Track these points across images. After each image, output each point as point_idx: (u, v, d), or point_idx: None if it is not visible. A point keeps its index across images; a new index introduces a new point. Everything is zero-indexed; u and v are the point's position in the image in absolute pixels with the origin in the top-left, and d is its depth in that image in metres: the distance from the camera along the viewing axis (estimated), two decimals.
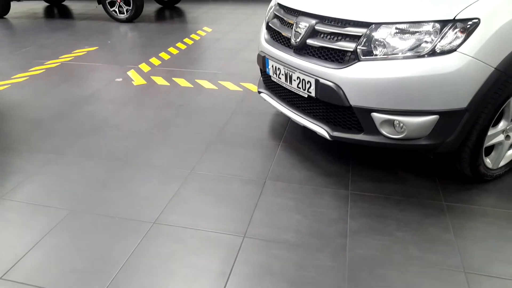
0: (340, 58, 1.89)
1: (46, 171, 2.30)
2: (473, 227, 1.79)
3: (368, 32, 1.79)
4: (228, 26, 5.65)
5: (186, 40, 4.98)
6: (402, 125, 1.80)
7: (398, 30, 1.75)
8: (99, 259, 1.67)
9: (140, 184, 2.16)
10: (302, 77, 2.03)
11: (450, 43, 1.67)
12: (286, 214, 1.91)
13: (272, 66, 2.26)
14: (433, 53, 1.69)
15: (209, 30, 5.45)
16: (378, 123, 1.85)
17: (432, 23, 1.70)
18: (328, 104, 1.99)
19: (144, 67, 4.01)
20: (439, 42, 1.68)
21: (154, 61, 4.20)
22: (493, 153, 2.03)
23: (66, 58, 4.38)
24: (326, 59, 1.95)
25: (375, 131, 1.88)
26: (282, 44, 2.24)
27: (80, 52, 4.59)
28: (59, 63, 4.20)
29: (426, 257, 1.64)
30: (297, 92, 2.12)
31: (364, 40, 1.80)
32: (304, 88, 2.05)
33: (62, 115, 3.00)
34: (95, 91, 3.44)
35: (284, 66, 2.14)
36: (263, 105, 3.03)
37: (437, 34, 1.68)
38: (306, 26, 2.01)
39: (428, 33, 1.70)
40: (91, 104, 3.19)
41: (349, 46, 1.85)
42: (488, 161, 2.01)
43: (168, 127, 2.78)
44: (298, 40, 2.04)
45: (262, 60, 2.35)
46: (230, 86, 3.48)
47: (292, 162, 2.32)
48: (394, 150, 2.37)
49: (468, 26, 1.66)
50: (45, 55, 4.47)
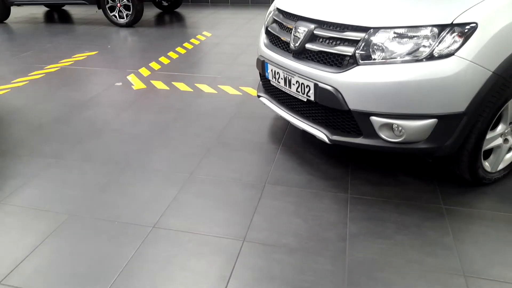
0: (338, 62, 1.90)
1: (46, 175, 2.30)
2: (472, 231, 1.80)
3: (366, 36, 1.81)
4: (227, 30, 5.67)
5: (186, 44, 5.00)
6: (400, 128, 1.81)
7: (396, 35, 1.76)
8: (99, 264, 1.67)
9: (139, 188, 2.17)
10: (301, 81, 2.04)
11: (448, 47, 1.68)
12: (286, 218, 1.91)
13: (271, 70, 2.27)
14: (431, 57, 1.70)
15: (208, 34, 5.48)
16: (377, 127, 1.85)
17: (430, 28, 1.71)
18: (327, 108, 2.00)
19: (144, 72, 4.02)
20: (437, 46, 1.69)
21: (154, 65, 4.22)
22: (491, 156, 2.04)
23: (66, 62, 4.39)
24: (325, 63, 1.96)
25: (374, 135, 1.89)
26: (281, 48, 2.26)
27: (80, 56, 4.61)
28: (59, 68, 4.21)
29: (425, 260, 1.64)
30: (296, 96, 2.13)
31: (362, 44, 1.81)
32: (303, 92, 2.06)
33: (61, 119, 3.00)
34: (95, 96, 3.45)
35: (283, 70, 2.15)
36: (263, 109, 3.04)
37: (435, 38, 1.70)
38: (305, 30, 2.02)
39: (426, 37, 1.71)
40: (91, 108, 3.20)
41: (347, 50, 1.86)
42: (486, 164, 2.02)
43: (167, 131, 2.78)
44: (297, 44, 2.05)
45: (262, 64, 2.36)
46: (230, 90, 3.49)
47: (291, 166, 2.33)
48: (393, 154, 2.37)
49: (465, 31, 1.67)
50: (45, 60, 4.49)
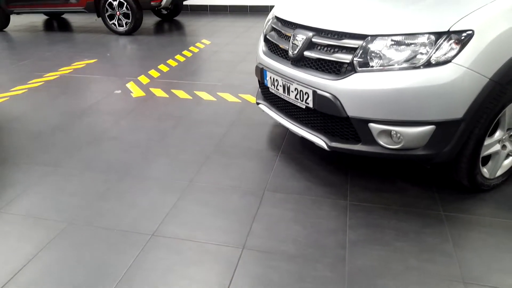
0: (337, 69, 1.92)
1: (44, 184, 2.29)
2: (471, 237, 1.80)
3: (364, 44, 1.82)
4: (226, 38, 5.71)
5: (185, 52, 5.03)
6: (399, 135, 1.81)
7: (393, 42, 1.78)
8: (98, 272, 1.66)
9: (138, 196, 2.16)
10: (299, 88, 2.05)
11: (445, 55, 1.70)
12: (285, 225, 1.91)
13: (270, 78, 2.28)
14: (428, 64, 1.71)
15: (207, 42, 5.51)
16: (375, 134, 1.86)
17: (427, 35, 1.73)
18: (325, 115, 2.01)
19: (143, 79, 4.04)
20: (434, 53, 1.71)
21: (153, 73, 4.23)
22: (490, 162, 2.05)
23: (65, 70, 4.41)
24: (323, 71, 1.97)
25: (373, 142, 1.89)
26: (279, 56, 2.27)
27: (79, 64, 4.62)
28: (58, 76, 4.22)
29: (425, 267, 1.64)
30: (295, 103, 2.14)
31: (360, 52, 1.83)
32: (302, 99, 2.07)
33: (60, 127, 3.00)
34: (94, 103, 3.45)
35: (282, 77, 2.17)
36: (262, 116, 3.05)
37: (432, 45, 1.71)
38: (303, 38, 2.04)
39: (423, 44, 1.73)
40: (90, 116, 3.20)
41: (345, 57, 1.87)
42: (485, 170, 2.02)
43: (166, 139, 2.79)
44: (296, 52, 2.07)
45: (260, 72, 2.38)
46: (229, 97, 3.50)
47: (290, 173, 2.33)
48: (392, 160, 2.38)
49: (462, 38, 1.68)
50: (44, 68, 4.50)
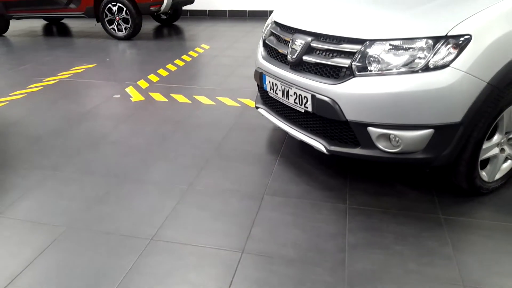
0: (335, 74, 1.93)
1: (43, 188, 2.29)
2: (470, 240, 1.80)
3: (362, 48, 1.83)
4: (225, 43, 5.73)
5: (184, 57, 5.04)
6: (398, 139, 1.82)
7: (392, 47, 1.79)
8: (96, 277, 1.66)
9: (138, 200, 2.16)
10: (298, 92, 2.06)
11: (443, 59, 1.71)
12: (285, 229, 1.90)
13: (269, 82, 2.29)
14: (426, 68, 1.72)
15: (207, 47, 5.53)
16: (374, 137, 1.87)
17: (425, 40, 1.74)
18: (324, 119, 2.01)
19: (142, 84, 4.05)
20: (432, 57, 1.72)
21: (153, 77, 4.24)
22: (488, 166, 2.05)
23: (64, 75, 4.41)
24: (322, 75, 1.98)
25: (372, 145, 1.90)
26: (278, 60, 2.28)
27: (78, 69, 4.63)
28: (58, 80, 4.23)
29: (424, 270, 1.64)
30: (294, 107, 2.15)
31: (359, 56, 1.84)
32: (301, 103, 2.07)
33: (59, 132, 3.00)
34: (93, 108, 3.46)
35: (281, 82, 2.18)
36: (261, 120, 3.06)
37: (430, 50, 1.72)
38: (302, 43, 2.05)
39: (421, 49, 1.74)
40: (89, 120, 3.21)
41: (344, 62, 1.88)
42: (484, 174, 2.03)
43: (166, 143, 2.79)
44: (294, 56, 2.08)
45: (259, 76, 2.39)
46: (228, 101, 3.51)
47: (290, 177, 2.33)
48: (391, 164, 2.38)
49: (460, 42, 1.70)
50: (43, 72, 4.51)
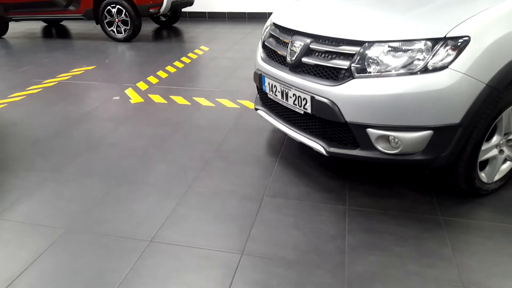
0: (334, 75, 1.93)
1: (42, 190, 2.29)
2: (470, 241, 1.80)
3: (361, 50, 1.84)
4: (225, 45, 5.74)
5: (184, 58, 5.05)
6: (397, 140, 1.82)
7: (390, 48, 1.79)
8: (95, 279, 1.65)
9: (137, 202, 2.16)
10: (298, 94, 2.06)
11: (442, 60, 1.71)
12: (284, 231, 1.90)
13: (268, 84, 2.29)
14: (425, 70, 1.73)
15: (206, 49, 5.53)
16: (373, 139, 1.87)
17: (424, 41, 1.74)
18: (324, 120, 2.02)
19: (141, 85, 4.05)
20: (431, 59, 1.72)
21: (152, 79, 4.25)
22: (487, 167, 2.05)
23: (63, 77, 4.41)
24: (321, 77, 1.98)
25: (371, 147, 1.90)
26: (278, 62, 2.29)
27: (77, 71, 4.63)
28: (57, 82, 4.23)
29: (424, 272, 1.64)
30: (293, 108, 2.15)
31: (358, 58, 1.84)
32: (300, 104, 2.08)
33: (59, 134, 3.00)
34: (92, 110, 3.46)
35: (280, 83, 2.18)
36: (260, 121, 3.06)
37: (429, 51, 1.73)
38: (301, 45, 2.05)
39: (420, 50, 1.74)
40: (88, 122, 3.20)
41: (343, 64, 1.88)
42: (483, 175, 2.03)
43: (165, 145, 2.79)
44: (294, 58, 2.08)
45: (259, 77, 2.39)
46: (227, 103, 3.51)
47: (289, 178, 2.33)
48: (390, 165, 2.39)
49: (459, 44, 1.70)
50: (42, 74, 4.51)
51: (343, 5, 2.22)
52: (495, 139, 1.97)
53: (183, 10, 7.76)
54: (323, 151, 2.04)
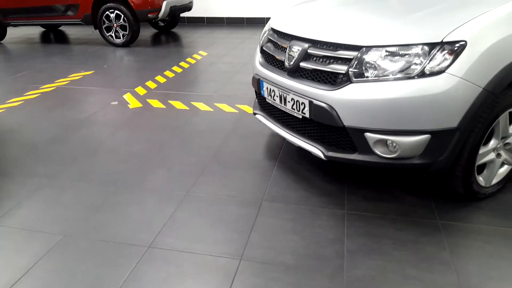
0: (332, 80, 1.94)
1: (40, 196, 2.28)
2: (468, 245, 1.80)
3: (359, 55, 1.85)
4: (223, 50, 5.75)
5: (182, 63, 5.06)
6: (395, 144, 1.83)
7: (388, 53, 1.80)
8: (93, 285, 1.64)
9: (135, 207, 2.15)
10: (296, 98, 2.07)
11: (438, 65, 1.72)
12: (283, 236, 1.90)
13: (266, 88, 2.30)
14: (422, 74, 1.74)
15: (204, 54, 5.55)
16: (371, 143, 1.87)
17: (421, 46, 1.75)
18: (322, 124, 2.02)
19: (140, 90, 4.05)
20: (428, 64, 1.73)
21: (150, 84, 4.25)
22: (485, 171, 2.06)
23: (61, 82, 4.42)
24: (319, 81, 1.99)
25: (369, 151, 1.91)
26: (276, 67, 2.29)
27: (76, 76, 4.64)
28: (55, 87, 4.23)
29: (423, 276, 1.64)
30: (291, 113, 2.16)
31: (355, 62, 1.85)
32: (298, 109, 2.08)
33: (57, 139, 3.00)
34: (91, 115, 3.46)
35: (278, 88, 2.18)
36: (259, 126, 3.06)
37: (426, 56, 1.74)
38: (299, 49, 2.06)
39: (417, 55, 1.75)
40: (86, 127, 3.20)
41: (341, 68, 1.89)
42: (480, 179, 2.03)
43: (163, 150, 2.78)
44: (292, 63, 2.09)
45: (257, 82, 2.40)
46: (226, 108, 3.52)
47: (288, 183, 2.33)
48: (388, 170, 2.39)
49: (455, 48, 1.71)
50: (40, 80, 4.51)
51: (341, 10, 2.23)
52: (492, 143, 1.98)
53: (182, 15, 7.78)
54: (322, 156, 2.05)
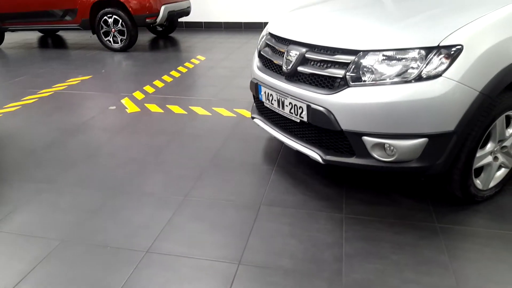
0: (330, 84, 1.95)
1: (37, 201, 2.27)
2: (466, 249, 1.80)
3: (356, 59, 1.86)
4: (221, 54, 5.77)
5: (180, 68, 5.07)
6: (392, 148, 1.83)
7: (385, 57, 1.81)
8: None
9: (133, 212, 2.15)
10: (294, 102, 2.08)
11: (435, 69, 1.73)
12: (281, 240, 1.90)
13: (264, 93, 2.31)
14: (419, 78, 1.75)
15: (202, 58, 5.56)
16: (369, 147, 1.88)
17: (417, 50, 1.76)
18: (320, 128, 2.03)
19: (138, 95, 4.05)
20: (425, 68, 1.74)
21: (148, 89, 4.26)
22: (482, 174, 2.07)
23: (59, 87, 4.41)
24: (316, 85, 2.00)
25: (367, 155, 1.91)
26: (274, 71, 2.30)
27: (73, 81, 4.64)
28: (53, 92, 4.23)
29: (421, 279, 1.64)
30: (289, 117, 2.16)
31: (352, 67, 1.86)
32: (296, 113, 2.09)
33: (54, 144, 2.99)
34: (88, 120, 3.45)
35: (276, 92, 2.19)
36: (257, 130, 3.07)
37: (422, 60, 1.75)
38: (296, 54, 2.07)
39: (414, 59, 1.77)
40: (84, 132, 3.20)
41: (338, 72, 1.90)
42: (478, 182, 2.04)
43: (161, 154, 2.78)
44: (289, 67, 2.10)
45: (255, 86, 2.41)
46: (224, 112, 3.52)
47: (286, 187, 2.33)
48: (386, 173, 2.39)
49: (452, 52, 1.72)
50: (38, 84, 4.51)
51: (338, 15, 2.25)
52: (490, 146, 1.99)
53: (180, 20, 7.81)
54: (320, 159, 2.05)
